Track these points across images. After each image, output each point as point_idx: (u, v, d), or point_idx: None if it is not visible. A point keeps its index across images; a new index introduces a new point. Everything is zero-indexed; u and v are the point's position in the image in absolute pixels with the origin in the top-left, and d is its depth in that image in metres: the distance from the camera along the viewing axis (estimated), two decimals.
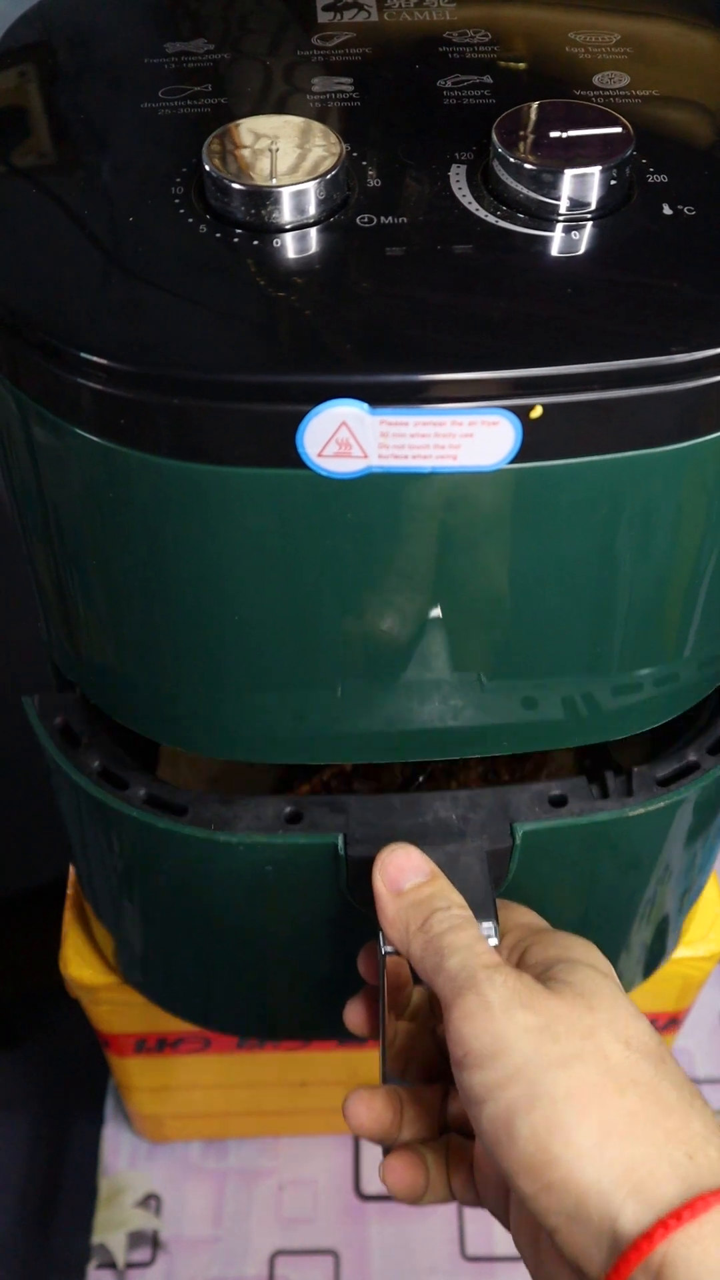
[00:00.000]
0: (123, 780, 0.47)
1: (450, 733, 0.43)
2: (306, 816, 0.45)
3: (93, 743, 0.48)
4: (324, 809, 0.46)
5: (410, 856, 0.42)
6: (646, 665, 0.42)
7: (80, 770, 0.47)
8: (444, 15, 0.45)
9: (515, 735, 0.44)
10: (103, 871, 0.52)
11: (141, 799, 0.46)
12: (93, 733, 0.48)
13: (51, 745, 0.48)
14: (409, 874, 0.41)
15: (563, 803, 0.46)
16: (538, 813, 0.46)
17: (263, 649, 0.40)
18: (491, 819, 0.45)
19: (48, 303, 0.35)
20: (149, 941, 0.55)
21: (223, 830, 0.45)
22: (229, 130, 0.38)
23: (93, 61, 0.44)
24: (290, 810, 0.46)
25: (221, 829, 0.45)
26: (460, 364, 0.33)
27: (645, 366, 0.33)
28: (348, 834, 0.44)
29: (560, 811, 0.46)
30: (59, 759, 0.47)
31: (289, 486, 0.35)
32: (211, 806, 0.46)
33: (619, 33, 0.44)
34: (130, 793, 0.46)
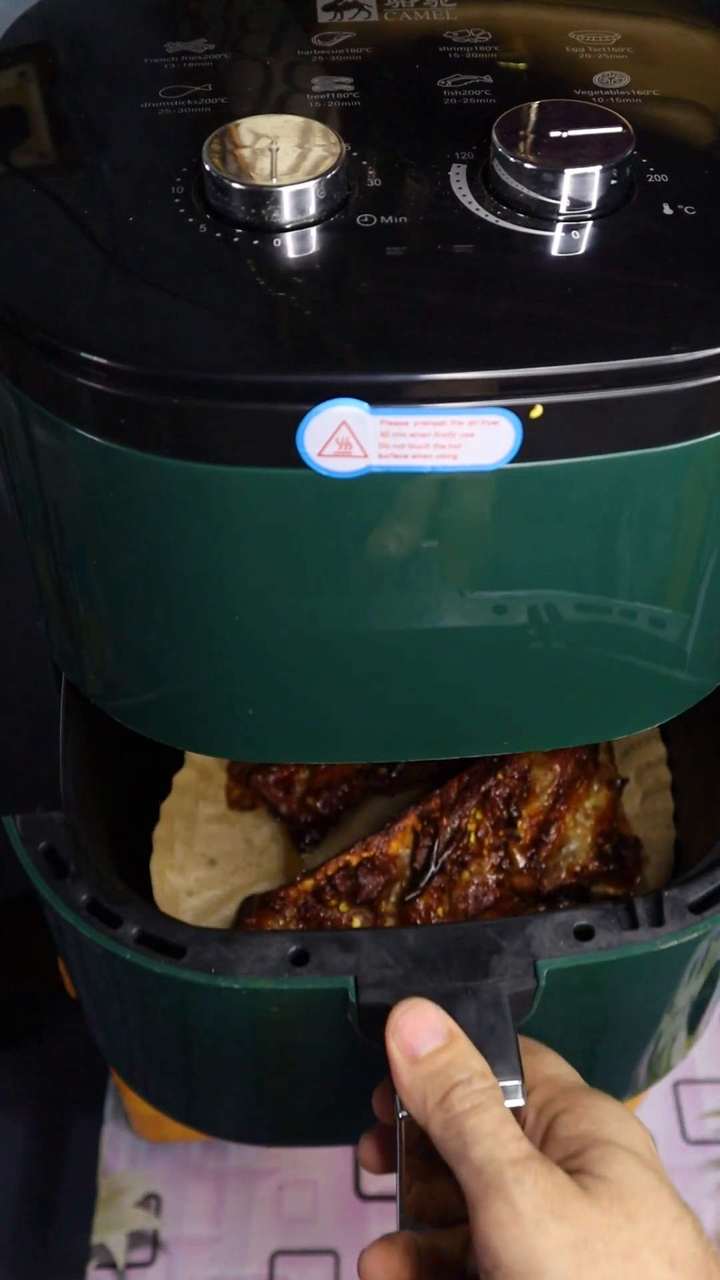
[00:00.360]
0: (114, 916, 0.43)
1: (450, 731, 0.43)
2: (314, 956, 0.42)
3: (81, 871, 0.44)
4: (333, 946, 0.42)
5: (426, 1016, 0.39)
6: (647, 664, 0.42)
7: (68, 904, 0.44)
8: (444, 15, 0.45)
9: (516, 734, 0.44)
10: (94, 995, 0.49)
11: (134, 938, 0.43)
12: (81, 858, 0.45)
13: (36, 874, 0.45)
14: (425, 1037, 0.38)
15: (589, 934, 0.43)
16: (562, 947, 0.42)
17: (262, 648, 0.40)
18: (513, 955, 0.42)
19: (48, 303, 0.35)
20: (146, 1058, 0.52)
21: (224, 975, 0.41)
22: (229, 130, 0.38)
23: (93, 61, 0.44)
24: (296, 949, 0.42)
25: (223, 972, 0.41)
26: (460, 364, 0.33)
27: (645, 366, 0.33)
28: (359, 977, 0.41)
29: (586, 946, 0.42)
30: (44, 891, 0.44)
31: (289, 486, 0.35)
32: (212, 946, 0.42)
33: (619, 32, 0.44)
34: (122, 931, 0.43)
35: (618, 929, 0.43)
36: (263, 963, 0.42)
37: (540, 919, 0.43)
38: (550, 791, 0.56)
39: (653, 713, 0.44)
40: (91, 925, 0.43)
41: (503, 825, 0.56)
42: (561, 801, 0.57)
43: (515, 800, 0.56)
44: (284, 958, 0.42)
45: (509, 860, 0.56)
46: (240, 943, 0.42)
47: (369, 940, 0.42)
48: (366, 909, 0.54)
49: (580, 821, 0.57)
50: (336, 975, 0.41)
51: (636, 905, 0.43)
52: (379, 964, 0.41)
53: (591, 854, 0.57)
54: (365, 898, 0.54)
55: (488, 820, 0.56)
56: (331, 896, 0.54)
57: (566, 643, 0.40)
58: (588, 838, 0.57)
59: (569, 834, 0.57)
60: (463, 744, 0.45)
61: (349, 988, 0.41)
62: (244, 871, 0.60)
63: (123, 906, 0.43)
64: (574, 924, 0.43)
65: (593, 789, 0.58)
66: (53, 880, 0.44)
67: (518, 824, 0.56)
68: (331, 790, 0.60)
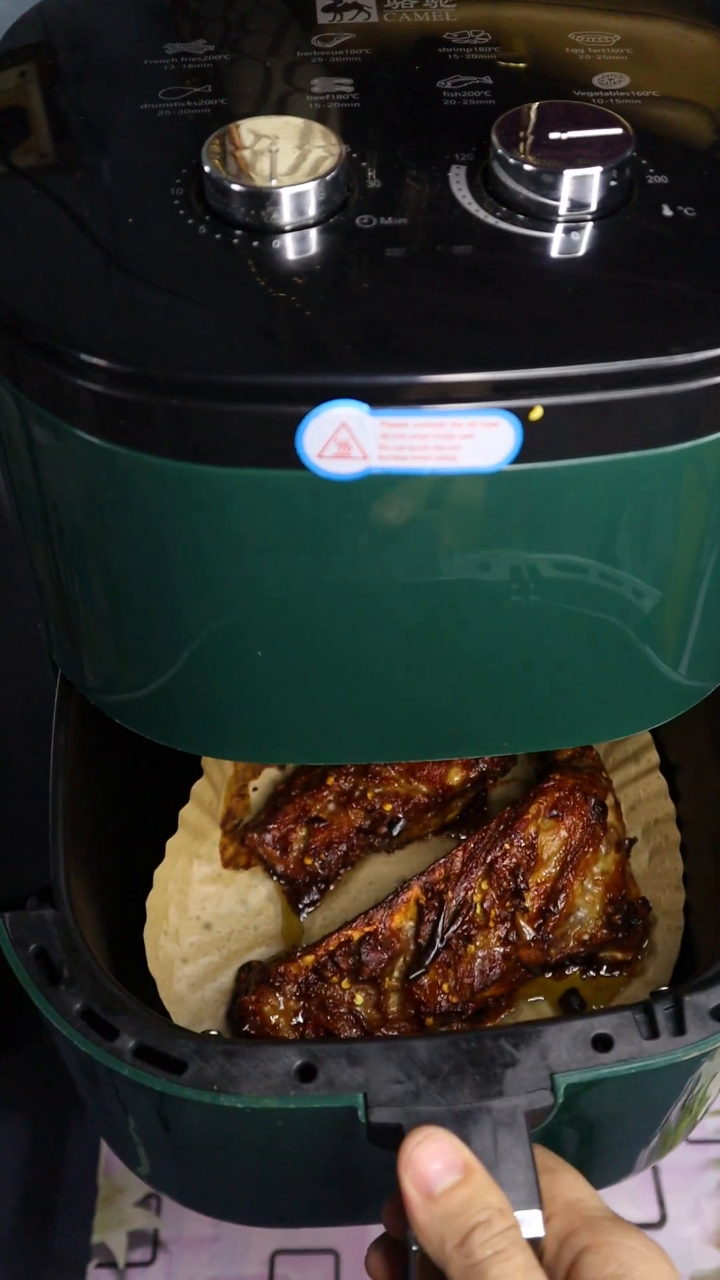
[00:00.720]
0: (111, 1028, 0.41)
1: (450, 732, 0.43)
2: (321, 1072, 0.40)
3: (75, 977, 0.42)
4: (340, 1060, 0.40)
5: (440, 1147, 0.36)
6: (647, 665, 0.42)
7: (61, 1013, 0.41)
8: (444, 16, 0.45)
9: (517, 734, 0.44)
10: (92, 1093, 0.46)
11: (132, 1051, 0.41)
12: (75, 960, 0.43)
13: (28, 980, 0.42)
14: (441, 1172, 0.36)
15: (608, 1045, 0.41)
16: (580, 1059, 0.40)
17: (261, 648, 0.40)
18: (528, 1068, 0.40)
19: (48, 303, 0.35)
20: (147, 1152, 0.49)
21: (227, 1093, 0.40)
22: (229, 131, 0.38)
23: (93, 62, 0.44)
24: (302, 1063, 0.40)
25: (226, 1090, 0.40)
26: (460, 365, 0.33)
27: (646, 367, 0.33)
28: (368, 1094, 0.39)
29: (606, 1057, 0.40)
30: (37, 999, 0.42)
31: (289, 488, 0.35)
32: (214, 1061, 0.40)
33: (619, 33, 0.44)
34: (119, 1044, 0.41)
35: (638, 1037, 0.41)
36: (267, 1078, 0.40)
37: (556, 1027, 0.41)
38: (558, 858, 0.55)
39: (652, 714, 0.44)
40: (87, 1037, 0.41)
41: (509, 896, 0.55)
42: (569, 869, 0.55)
43: (523, 869, 0.55)
44: (290, 1073, 0.40)
45: (516, 932, 0.55)
46: (244, 1056, 0.40)
47: (378, 1053, 0.40)
48: (369, 985, 0.53)
49: (588, 889, 0.56)
50: (345, 1092, 0.39)
51: (656, 1013, 0.41)
52: (389, 1079, 0.40)
53: (600, 922, 0.55)
54: (368, 975, 0.53)
55: (494, 890, 0.55)
56: (333, 973, 0.53)
57: (566, 643, 0.40)
58: (596, 905, 0.56)
59: (577, 902, 0.56)
60: (462, 744, 0.45)
61: (358, 1105, 0.39)
62: (240, 935, 0.58)
63: (120, 1016, 0.41)
64: (592, 1033, 0.41)
65: (600, 852, 0.56)
66: (45, 987, 0.42)
67: (525, 894, 0.55)
68: (330, 849, 0.58)
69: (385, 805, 0.58)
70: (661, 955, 0.56)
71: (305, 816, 0.58)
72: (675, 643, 0.42)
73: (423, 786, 0.59)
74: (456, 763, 0.59)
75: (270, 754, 0.45)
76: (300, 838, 0.58)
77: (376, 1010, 0.53)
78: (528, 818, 0.55)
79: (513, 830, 0.55)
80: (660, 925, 0.57)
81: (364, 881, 0.59)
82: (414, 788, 0.59)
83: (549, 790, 0.56)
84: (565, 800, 0.56)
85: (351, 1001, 0.53)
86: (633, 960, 0.56)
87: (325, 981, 0.53)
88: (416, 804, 0.59)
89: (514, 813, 0.56)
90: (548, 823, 0.55)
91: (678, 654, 0.42)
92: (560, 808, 0.56)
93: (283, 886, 0.59)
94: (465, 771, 0.59)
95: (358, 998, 0.53)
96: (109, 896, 0.51)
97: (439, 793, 0.59)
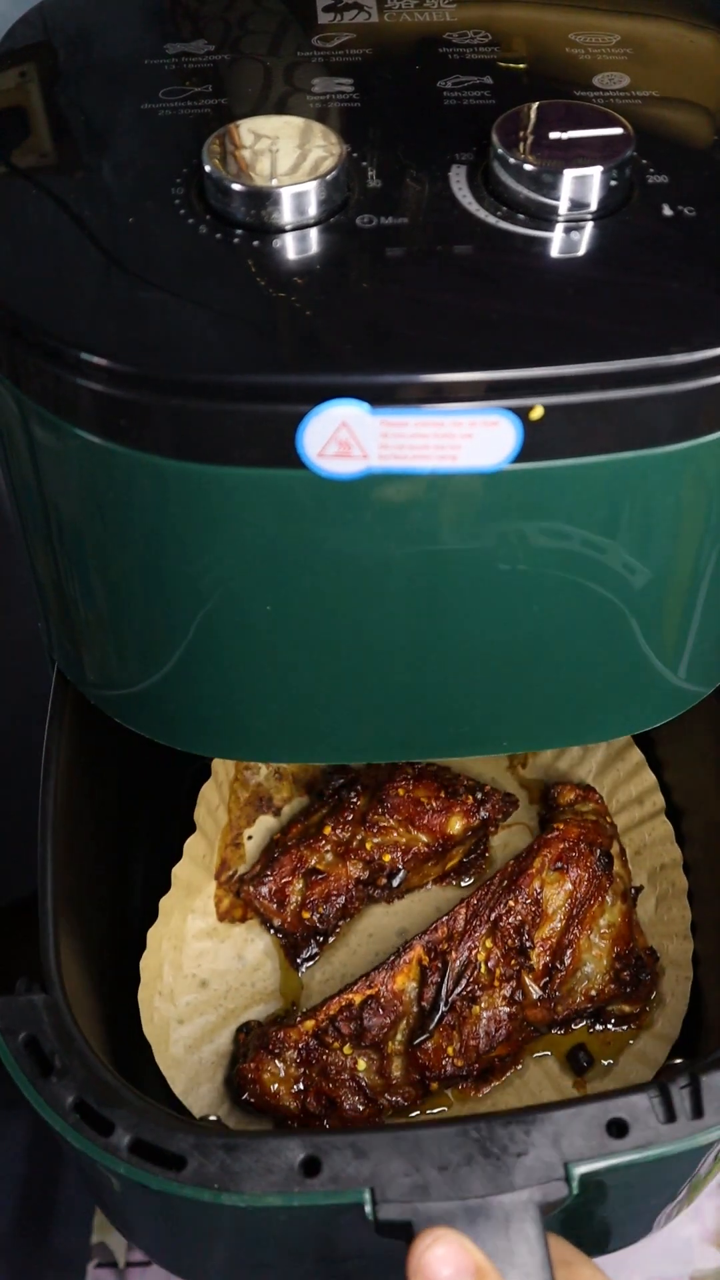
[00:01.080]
0: (106, 1122, 0.39)
1: (449, 732, 0.43)
2: (326, 1165, 0.38)
3: (68, 1068, 0.40)
4: (346, 1152, 0.38)
5: (451, 1250, 0.35)
6: (646, 665, 0.42)
7: (54, 1107, 0.40)
8: (444, 16, 0.45)
9: (516, 734, 0.44)
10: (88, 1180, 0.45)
11: (128, 1147, 0.39)
12: (67, 1048, 0.41)
13: (17, 1071, 0.40)
14: (451, 1278, 0.35)
15: (623, 1130, 0.39)
16: (595, 1146, 0.38)
17: (262, 649, 0.40)
18: (542, 1158, 0.38)
19: (48, 303, 0.35)
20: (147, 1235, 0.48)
21: (228, 1190, 0.38)
22: (229, 131, 0.38)
23: (93, 62, 0.44)
24: (305, 1156, 0.38)
25: (227, 1187, 0.38)
26: (461, 364, 0.33)
27: (645, 367, 0.33)
28: (375, 1189, 0.38)
29: (621, 1144, 0.39)
30: (28, 1092, 0.40)
31: (289, 487, 0.35)
32: (214, 1156, 0.38)
33: (619, 33, 0.44)
34: (115, 1140, 0.39)
35: (654, 1121, 0.39)
36: (270, 1174, 0.38)
37: (568, 1112, 0.39)
38: (563, 913, 0.54)
39: (651, 714, 0.44)
40: (81, 1133, 0.39)
41: (514, 953, 0.53)
42: (575, 923, 0.54)
43: (528, 926, 0.53)
44: (293, 1167, 0.38)
45: (522, 990, 0.53)
46: (245, 1150, 0.39)
47: (385, 1145, 0.38)
48: (372, 1050, 0.52)
49: (595, 942, 0.54)
50: (351, 1187, 0.38)
51: (673, 1095, 0.40)
52: (396, 1173, 0.38)
53: (608, 978, 0.54)
54: (371, 1041, 0.52)
55: (498, 948, 0.53)
56: (334, 1039, 0.52)
57: (565, 642, 0.40)
58: (603, 960, 0.54)
59: (584, 957, 0.54)
60: (462, 743, 0.45)
61: (365, 1201, 0.38)
62: (237, 993, 0.56)
63: (115, 1110, 0.39)
64: (606, 1117, 0.39)
65: (606, 903, 0.55)
66: (37, 1079, 0.40)
67: (530, 952, 0.53)
68: (328, 902, 0.57)
69: (385, 856, 0.57)
70: (670, 1007, 0.55)
71: (302, 868, 0.57)
72: (675, 643, 0.42)
73: (423, 836, 0.57)
74: (457, 810, 0.58)
75: (270, 753, 0.45)
76: (297, 890, 0.57)
77: (380, 1076, 0.52)
78: (532, 872, 0.54)
79: (517, 885, 0.54)
80: (668, 975, 0.56)
81: (363, 933, 0.58)
82: (414, 837, 0.57)
83: (553, 841, 0.55)
84: (570, 851, 0.55)
85: (354, 1068, 0.52)
86: (641, 1013, 0.55)
87: (326, 1048, 0.51)
88: (417, 854, 0.57)
89: (517, 866, 0.54)
90: (552, 875, 0.54)
91: (676, 654, 0.42)
92: (565, 859, 0.54)
93: (280, 940, 0.58)
94: (466, 820, 0.58)
95: (360, 1063, 0.52)
96: (102, 962, 0.50)
97: (439, 842, 0.57)
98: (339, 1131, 0.39)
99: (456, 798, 0.58)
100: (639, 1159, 0.38)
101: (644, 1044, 0.55)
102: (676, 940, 0.56)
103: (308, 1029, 0.51)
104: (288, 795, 0.62)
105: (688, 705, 0.45)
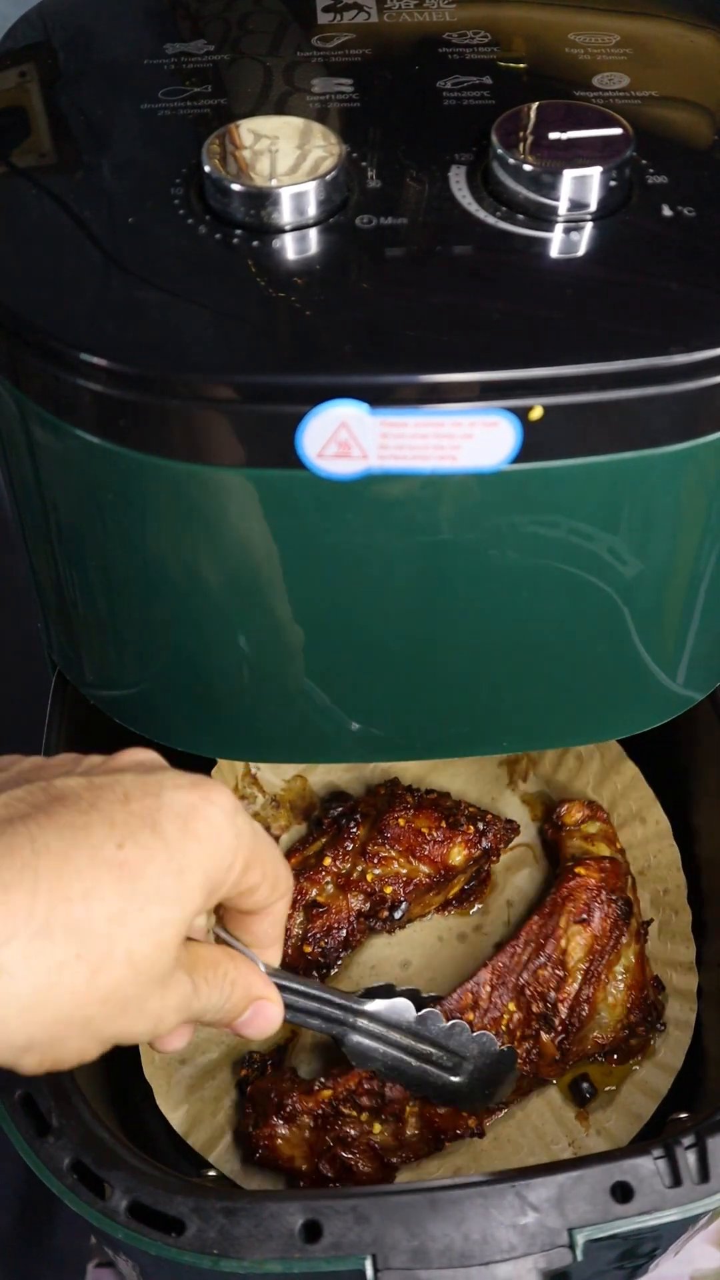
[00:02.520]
0: (103, 1184, 0.38)
1: (448, 731, 0.43)
2: (327, 1231, 0.37)
3: (64, 1127, 0.39)
4: (347, 1218, 0.38)
5: None
6: (646, 665, 0.42)
7: (50, 1168, 0.39)
8: (444, 16, 0.45)
9: (515, 734, 0.44)
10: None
11: (126, 1211, 0.38)
12: (64, 1107, 0.40)
13: (14, 1131, 0.40)
14: None
15: (628, 1195, 0.38)
16: (599, 1211, 0.38)
17: (261, 648, 0.40)
18: (545, 1223, 0.37)
19: (48, 304, 0.35)
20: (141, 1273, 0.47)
21: (227, 1256, 0.37)
22: (229, 131, 0.38)
23: (93, 62, 0.44)
24: (306, 1221, 0.38)
25: (226, 1253, 0.37)
26: (460, 365, 0.33)
27: (645, 367, 0.33)
28: (376, 1256, 0.37)
29: (626, 1209, 0.38)
30: (24, 1152, 0.40)
31: (288, 487, 0.35)
32: (213, 1220, 0.37)
33: (619, 33, 0.44)
34: (113, 1203, 0.38)
35: (660, 1185, 0.38)
36: (270, 1239, 0.37)
37: (571, 1175, 0.38)
38: (583, 967, 0.52)
39: (650, 715, 0.44)
40: (78, 1195, 0.38)
41: (537, 1018, 0.52)
42: (593, 977, 0.52)
43: (553, 988, 0.52)
44: (293, 1233, 0.37)
45: (538, 1049, 0.52)
46: (245, 1214, 0.38)
47: (386, 1210, 0.38)
48: (390, 1117, 0.50)
49: (611, 992, 0.53)
50: (352, 1253, 0.37)
51: (678, 1158, 0.39)
52: (398, 1239, 0.37)
53: (620, 1026, 0.53)
54: (392, 1112, 0.50)
55: (520, 1012, 0.52)
56: (352, 1109, 0.50)
57: (564, 643, 0.40)
58: (618, 1009, 0.53)
59: (600, 1008, 0.53)
60: (461, 744, 0.45)
61: (365, 1268, 0.37)
62: None
63: (112, 1171, 0.38)
64: (610, 1181, 0.38)
65: (622, 946, 0.53)
66: (33, 1139, 0.39)
67: (554, 1018, 0.52)
68: (330, 935, 0.55)
69: (386, 888, 0.56)
70: (673, 1037, 0.54)
71: (303, 900, 0.56)
72: (673, 644, 0.42)
73: (424, 866, 0.56)
74: (459, 840, 0.56)
75: (270, 753, 0.45)
76: (298, 924, 0.56)
77: (394, 1138, 0.50)
78: (559, 932, 0.52)
79: (542, 949, 0.52)
80: (671, 1004, 0.55)
81: (366, 965, 0.57)
82: (415, 868, 0.56)
83: (575, 893, 0.53)
84: (593, 901, 0.53)
85: (369, 1131, 0.50)
86: (646, 1045, 0.54)
87: (344, 1117, 0.50)
88: (418, 884, 0.56)
89: (542, 929, 0.53)
90: (574, 928, 0.53)
91: (675, 656, 0.42)
92: (587, 911, 0.53)
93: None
94: (468, 850, 0.57)
95: (375, 1127, 0.50)
96: None
97: (441, 873, 0.56)
98: (340, 1194, 0.38)
99: (458, 828, 0.57)
100: (644, 1225, 0.38)
101: (647, 1074, 0.54)
102: (680, 971, 0.55)
103: (324, 1098, 0.50)
104: (285, 823, 0.61)
105: (684, 708, 0.45)
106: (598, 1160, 0.38)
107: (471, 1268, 0.37)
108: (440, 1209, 0.38)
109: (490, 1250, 0.37)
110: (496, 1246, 0.37)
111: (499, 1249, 0.37)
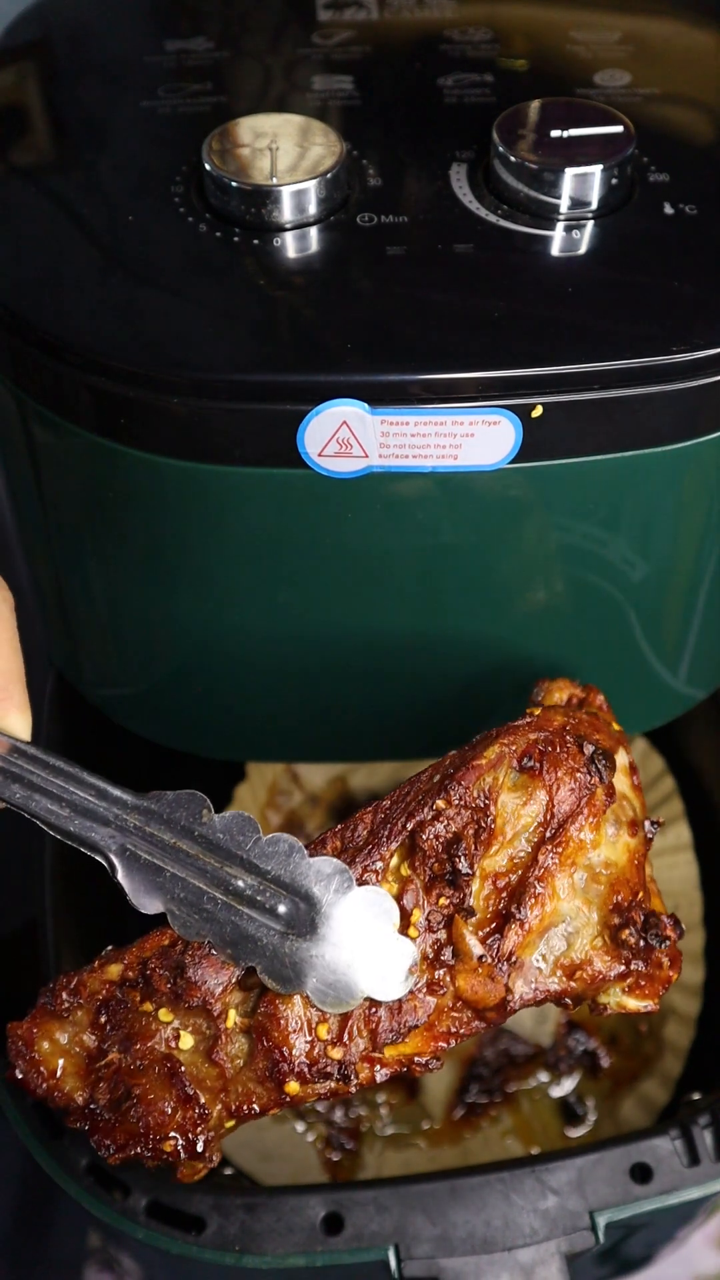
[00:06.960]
0: (121, 1184, 0.38)
1: (448, 731, 0.43)
2: (348, 1222, 0.37)
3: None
4: (368, 1209, 0.37)
5: None
6: (646, 664, 0.42)
7: (67, 1171, 0.38)
8: (444, 13, 0.45)
9: None
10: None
11: (145, 1210, 0.37)
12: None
13: (28, 1135, 0.39)
14: None
15: (647, 1175, 0.38)
16: (620, 1193, 0.38)
17: (261, 647, 0.40)
18: (566, 1207, 0.37)
19: (48, 303, 0.35)
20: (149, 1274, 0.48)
21: (249, 1252, 0.37)
22: (229, 128, 0.37)
23: (92, 60, 0.43)
24: (327, 1214, 0.37)
25: (248, 1249, 0.36)
26: (461, 364, 0.33)
27: (646, 366, 0.33)
28: (399, 1246, 0.37)
29: (646, 1189, 0.38)
30: (40, 1156, 0.39)
31: (289, 486, 0.35)
32: (234, 1217, 0.37)
33: (620, 31, 0.44)
34: (131, 1203, 0.37)
35: (678, 1165, 0.38)
36: (291, 1233, 0.37)
37: (590, 1158, 0.38)
38: (529, 835, 0.34)
39: (651, 715, 0.44)
40: (96, 1197, 0.38)
41: (441, 885, 0.33)
42: (549, 853, 0.33)
43: (465, 845, 0.33)
44: (315, 1226, 0.37)
45: (454, 947, 0.33)
46: (266, 1208, 0.37)
47: (407, 1200, 0.37)
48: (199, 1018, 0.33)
49: (580, 887, 0.34)
50: (375, 1244, 0.37)
51: (695, 1138, 0.38)
52: (420, 1228, 0.37)
53: (600, 941, 0.34)
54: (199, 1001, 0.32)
55: (417, 877, 0.33)
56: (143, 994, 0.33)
57: (566, 642, 0.40)
58: (592, 911, 0.34)
59: (561, 907, 0.34)
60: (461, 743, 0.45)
61: (389, 1258, 0.37)
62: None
63: (128, 1171, 0.37)
64: (630, 1163, 0.38)
65: (604, 832, 0.35)
66: (47, 1141, 0.38)
67: (467, 885, 0.33)
68: None
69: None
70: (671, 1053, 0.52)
71: None
72: (675, 643, 0.42)
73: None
74: None
75: (269, 753, 0.45)
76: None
77: (209, 1060, 0.32)
78: (481, 763, 0.34)
79: (453, 780, 0.34)
80: (669, 1025, 0.52)
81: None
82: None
83: (521, 730, 0.35)
84: (547, 746, 0.34)
85: (171, 1043, 0.33)
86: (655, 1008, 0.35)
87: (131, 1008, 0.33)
88: None
89: (459, 757, 0.35)
90: (518, 778, 0.34)
91: (677, 655, 0.42)
92: (539, 757, 0.34)
93: None
94: None
95: (184, 1039, 0.33)
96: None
97: None
98: (360, 1185, 0.38)
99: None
100: (665, 1205, 0.38)
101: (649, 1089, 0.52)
102: (685, 995, 0.53)
103: (112, 975, 0.34)
104: (320, 823, 0.60)
105: (686, 707, 0.45)
106: (616, 1143, 0.39)
107: (495, 1254, 0.37)
108: (461, 1196, 0.38)
109: (512, 1235, 0.37)
110: (519, 1231, 0.37)
111: (521, 1234, 0.37)
